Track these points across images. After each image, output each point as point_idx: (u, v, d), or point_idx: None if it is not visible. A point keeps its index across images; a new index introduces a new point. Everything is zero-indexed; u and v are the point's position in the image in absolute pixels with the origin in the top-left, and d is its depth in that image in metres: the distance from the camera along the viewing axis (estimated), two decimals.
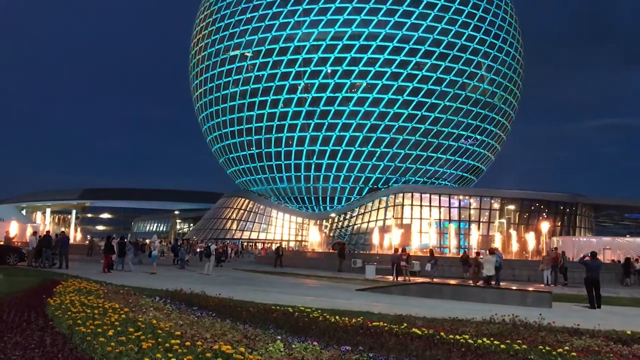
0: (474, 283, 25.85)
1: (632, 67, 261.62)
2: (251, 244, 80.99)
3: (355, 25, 78.84)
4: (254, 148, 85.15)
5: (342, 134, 79.78)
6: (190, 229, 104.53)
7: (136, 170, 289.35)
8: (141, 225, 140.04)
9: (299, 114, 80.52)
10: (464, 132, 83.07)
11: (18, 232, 46.40)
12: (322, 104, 79.56)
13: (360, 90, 79.30)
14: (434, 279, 28.76)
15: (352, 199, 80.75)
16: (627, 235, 70.32)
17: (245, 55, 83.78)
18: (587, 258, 19.63)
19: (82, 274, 20.32)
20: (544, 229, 49.41)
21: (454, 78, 79.96)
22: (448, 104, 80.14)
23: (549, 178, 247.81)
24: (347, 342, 7.55)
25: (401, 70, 78.42)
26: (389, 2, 78.86)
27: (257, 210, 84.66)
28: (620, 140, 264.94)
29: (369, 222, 72.24)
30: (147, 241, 53.45)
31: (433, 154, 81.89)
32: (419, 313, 12.52)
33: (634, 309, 19.23)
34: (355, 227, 74.73)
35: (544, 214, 68.41)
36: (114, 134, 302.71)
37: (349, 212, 77.08)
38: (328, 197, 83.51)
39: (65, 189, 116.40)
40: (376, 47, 78.33)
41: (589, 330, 10.42)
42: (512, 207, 68.43)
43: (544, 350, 7.88)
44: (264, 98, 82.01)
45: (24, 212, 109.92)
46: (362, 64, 78.51)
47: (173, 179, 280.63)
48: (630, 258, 34.40)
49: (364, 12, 78.74)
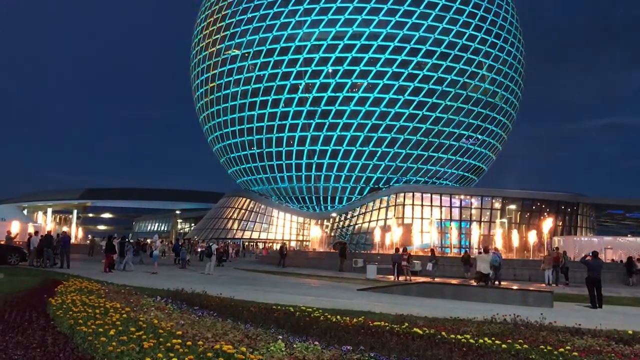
0: (476, 283, 25.84)
1: (633, 67, 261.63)
2: (252, 243, 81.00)
3: (356, 25, 78.81)
4: (255, 148, 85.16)
5: (343, 133, 79.77)
6: (192, 228, 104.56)
7: (137, 170, 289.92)
8: (142, 225, 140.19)
9: (300, 114, 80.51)
10: (465, 132, 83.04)
11: (19, 232, 46.41)
12: (323, 103, 79.55)
13: (362, 90, 79.25)
14: (435, 279, 28.75)
15: (353, 198, 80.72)
16: (629, 235, 70.20)
17: (245, 55, 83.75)
18: (589, 258, 19.60)
19: (83, 274, 20.35)
20: (545, 229, 49.29)
21: (455, 78, 79.92)
22: (449, 103, 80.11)
23: (550, 178, 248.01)
24: (348, 342, 7.54)
25: (402, 70, 78.38)
26: (390, 2, 78.83)
27: (258, 210, 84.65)
28: (621, 139, 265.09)
29: (370, 221, 72.23)
30: (149, 241, 53.50)
31: (434, 154, 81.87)
32: (420, 313, 12.53)
33: (635, 309, 19.19)
34: (357, 226, 74.72)
35: (545, 213, 68.34)
36: (115, 134, 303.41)
37: (350, 212, 77.07)
38: (329, 197, 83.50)
39: (67, 189, 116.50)
40: (377, 47, 78.30)
41: (591, 330, 10.41)
42: (513, 206, 68.41)
43: (545, 350, 7.87)
44: (265, 98, 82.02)
45: (25, 212, 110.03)
46: (363, 63, 78.49)
47: (174, 178, 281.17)
48: (632, 258, 34.29)
49: (365, 11, 78.71)
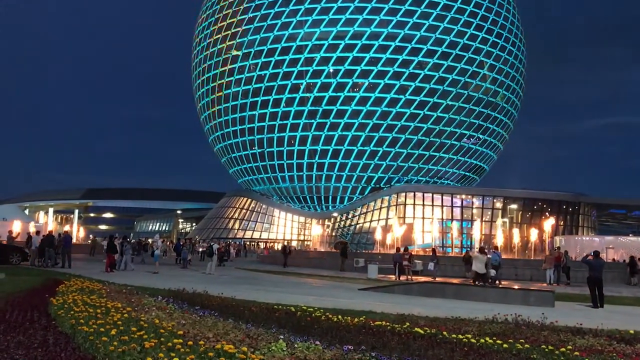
0: (473, 282, 25.85)
1: (635, 66, 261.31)
2: (253, 243, 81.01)
3: (357, 24, 78.81)
4: (256, 147, 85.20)
5: (344, 133, 79.76)
6: (193, 228, 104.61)
7: (137, 170, 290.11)
8: (144, 225, 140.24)
9: (301, 114, 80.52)
10: (467, 132, 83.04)
11: (20, 231, 46.42)
12: (324, 103, 79.56)
13: (363, 89, 79.24)
14: (436, 278, 28.73)
15: (355, 198, 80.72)
16: (630, 235, 70.10)
17: (246, 55, 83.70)
18: (590, 257, 19.55)
19: (84, 274, 20.36)
20: (546, 228, 49.21)
21: (456, 77, 79.89)
22: (450, 103, 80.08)
23: (551, 177, 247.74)
24: (349, 342, 7.54)
25: (403, 70, 78.36)
26: (391, 2, 78.83)
27: (259, 209, 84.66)
28: (623, 139, 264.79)
29: (371, 221, 72.20)
30: (150, 241, 53.49)
31: (435, 153, 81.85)
32: (422, 312, 12.52)
33: (636, 308, 19.14)
34: (358, 226, 74.70)
35: (547, 213, 68.25)
36: (115, 134, 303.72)
37: (352, 212, 77.05)
38: (330, 197, 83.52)
39: (68, 189, 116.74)
40: (378, 47, 78.29)
41: (592, 330, 10.40)
42: (514, 206, 68.37)
43: (546, 350, 7.86)
44: (266, 97, 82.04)
45: (26, 211, 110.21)
46: (364, 63, 78.48)
47: (175, 178, 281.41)
48: (634, 257, 34.17)
49: (366, 11, 78.70)
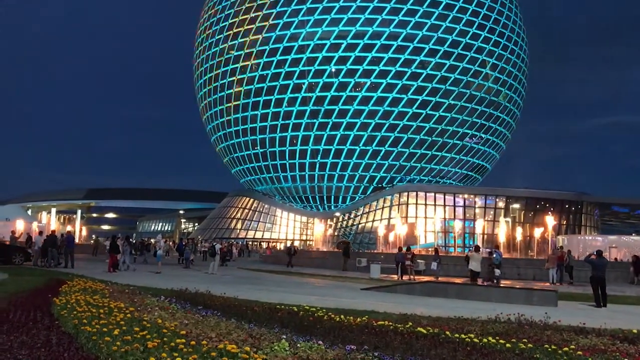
0: (484, 282, 25.90)
1: (638, 65, 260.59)
2: (256, 243, 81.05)
3: (359, 24, 78.77)
4: (259, 147, 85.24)
5: (346, 133, 79.74)
6: (195, 228, 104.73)
7: (140, 170, 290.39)
8: (146, 225, 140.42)
9: (303, 113, 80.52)
10: (469, 131, 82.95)
11: (23, 231, 46.56)
12: (326, 103, 79.54)
13: (365, 89, 79.21)
14: (438, 278, 28.72)
15: (357, 198, 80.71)
16: (633, 234, 70.04)
17: (245, 54, 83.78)
18: (593, 256, 19.51)
19: (87, 274, 20.39)
20: (549, 228, 49.19)
21: (458, 76, 79.81)
22: (453, 102, 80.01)
23: (554, 176, 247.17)
24: (352, 341, 7.53)
25: (405, 69, 78.29)
26: (393, 1, 78.75)
27: (261, 209, 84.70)
28: (626, 138, 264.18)
29: (373, 221, 72.12)
30: (152, 241, 53.60)
31: (438, 153, 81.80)
32: (424, 312, 12.51)
33: None
34: (360, 226, 74.67)
35: (549, 212, 68.13)
36: (117, 134, 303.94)
37: (354, 211, 77.02)
38: (332, 196, 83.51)
39: (71, 189, 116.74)
40: (380, 46, 78.24)
41: (595, 329, 10.37)
42: (517, 205, 68.26)
43: (549, 349, 7.84)
44: (268, 97, 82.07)
45: (29, 212, 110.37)
46: (367, 62, 78.43)
47: (177, 178, 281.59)
48: (638, 256, 34.09)
49: (368, 10, 78.64)
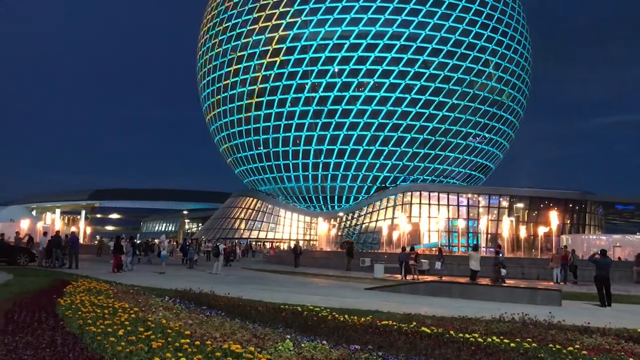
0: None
1: None
2: (259, 243, 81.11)
3: (362, 24, 78.77)
4: (262, 147, 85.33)
5: (349, 132, 79.74)
6: (199, 228, 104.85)
7: (143, 170, 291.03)
8: (150, 225, 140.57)
9: (306, 113, 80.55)
10: (472, 130, 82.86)
11: (27, 232, 46.75)
12: (329, 103, 79.56)
13: (368, 89, 79.20)
14: (442, 278, 28.70)
15: (360, 197, 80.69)
16: (637, 233, 69.71)
17: (248, 55, 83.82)
18: (597, 256, 19.46)
19: (91, 274, 20.42)
20: (553, 227, 49.03)
21: (461, 76, 79.72)
22: (456, 102, 79.92)
23: (558, 175, 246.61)
24: (356, 341, 7.53)
25: (408, 69, 78.25)
26: (396, 1, 78.73)
27: (265, 209, 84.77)
28: (630, 137, 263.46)
29: (377, 220, 72.13)
30: (156, 241, 53.61)
31: (441, 153, 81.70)
32: (428, 312, 12.50)
33: None
34: (364, 226, 74.66)
35: (553, 211, 68.01)
36: (120, 134, 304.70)
37: (357, 211, 77.00)
38: (336, 196, 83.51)
39: (75, 190, 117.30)
40: (383, 46, 78.21)
41: (600, 329, 10.34)
42: (521, 205, 68.13)
43: (554, 349, 7.82)
44: (272, 98, 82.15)
45: (34, 212, 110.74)
46: (370, 62, 78.41)
47: (181, 179, 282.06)
48: None
49: (371, 10, 78.63)
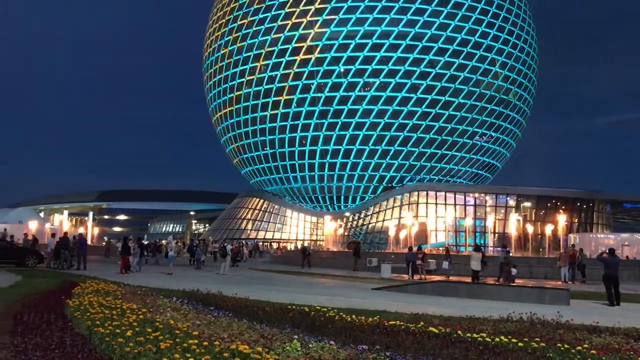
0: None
1: None
2: (266, 244, 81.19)
3: (367, 23, 78.71)
4: (268, 148, 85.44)
5: (355, 132, 79.69)
6: (206, 229, 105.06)
7: (149, 171, 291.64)
8: (157, 226, 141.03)
9: (312, 114, 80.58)
10: (479, 130, 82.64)
11: (35, 232, 46.97)
12: (335, 103, 79.54)
13: (374, 88, 79.11)
14: (450, 277, 28.65)
15: (367, 197, 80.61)
16: None
17: (254, 56, 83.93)
18: (605, 255, 19.36)
19: (100, 275, 20.53)
20: (560, 226, 48.80)
21: (467, 75, 79.52)
22: (462, 101, 79.72)
23: (565, 174, 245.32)
24: (363, 341, 7.52)
25: (414, 68, 78.12)
26: (401, 0, 78.62)
27: (271, 210, 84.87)
28: (637, 135, 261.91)
29: (383, 220, 72.01)
30: (164, 242, 53.82)
31: (448, 152, 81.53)
32: (436, 312, 12.48)
33: None
34: (370, 225, 74.57)
35: (561, 210, 67.67)
36: (126, 135, 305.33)
37: (364, 211, 76.93)
38: (342, 196, 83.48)
39: (82, 191, 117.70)
40: (389, 45, 78.12)
41: (608, 328, 10.29)
42: (528, 204, 67.84)
43: (562, 348, 7.78)
44: (278, 98, 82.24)
45: (42, 214, 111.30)
46: (375, 62, 78.34)
47: (187, 179, 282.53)
48: None
49: (376, 10, 78.55)
